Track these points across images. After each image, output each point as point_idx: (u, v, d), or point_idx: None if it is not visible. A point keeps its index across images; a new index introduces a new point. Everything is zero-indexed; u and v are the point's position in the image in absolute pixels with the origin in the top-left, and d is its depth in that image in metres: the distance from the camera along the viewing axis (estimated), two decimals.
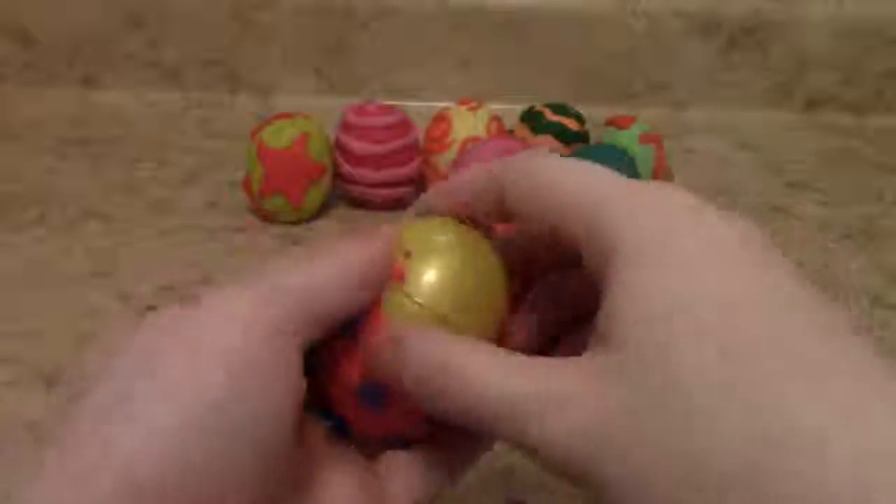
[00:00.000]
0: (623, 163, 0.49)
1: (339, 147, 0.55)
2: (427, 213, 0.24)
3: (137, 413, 0.17)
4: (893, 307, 0.48)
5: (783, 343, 0.16)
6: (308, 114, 0.55)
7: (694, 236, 0.18)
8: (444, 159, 0.55)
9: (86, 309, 0.45)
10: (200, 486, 0.17)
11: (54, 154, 0.64)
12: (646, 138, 0.54)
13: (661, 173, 0.54)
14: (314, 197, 0.54)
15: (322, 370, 0.22)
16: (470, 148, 0.52)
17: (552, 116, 0.57)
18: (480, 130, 0.56)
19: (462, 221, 0.23)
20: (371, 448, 0.23)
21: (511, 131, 0.58)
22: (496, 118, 0.57)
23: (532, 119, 0.57)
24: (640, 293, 0.17)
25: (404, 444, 0.23)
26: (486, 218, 0.23)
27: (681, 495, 0.16)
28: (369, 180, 0.54)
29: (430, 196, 0.24)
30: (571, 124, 0.57)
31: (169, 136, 0.68)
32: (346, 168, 0.54)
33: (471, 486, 0.35)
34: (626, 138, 0.54)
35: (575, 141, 0.56)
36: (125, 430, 0.17)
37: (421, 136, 0.57)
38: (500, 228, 0.24)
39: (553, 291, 0.24)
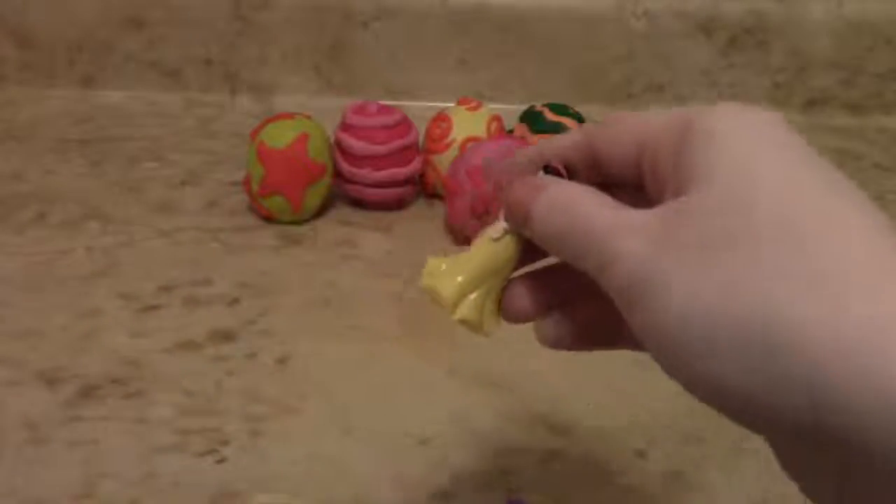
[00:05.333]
0: None
1: (339, 147, 0.55)
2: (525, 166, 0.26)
3: None
4: None
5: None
6: (308, 114, 0.55)
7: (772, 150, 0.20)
8: (444, 159, 0.55)
9: (86, 309, 0.45)
10: None
11: (54, 154, 0.64)
12: None
13: None
14: (314, 197, 0.54)
15: None
16: (470, 148, 0.52)
17: (552, 116, 0.57)
18: (480, 130, 0.56)
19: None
20: None
21: (511, 131, 0.58)
22: (496, 118, 0.57)
23: (532, 119, 0.57)
24: (714, 159, 0.20)
25: None
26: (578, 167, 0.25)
27: (717, 331, 0.18)
28: (369, 180, 0.54)
29: (532, 150, 0.26)
30: (571, 124, 0.57)
31: (169, 136, 0.68)
32: (346, 168, 0.54)
33: (471, 486, 0.35)
34: None
35: None
36: None
37: (421, 136, 0.57)
38: None
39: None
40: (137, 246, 0.52)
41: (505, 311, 0.26)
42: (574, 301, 0.25)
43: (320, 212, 0.56)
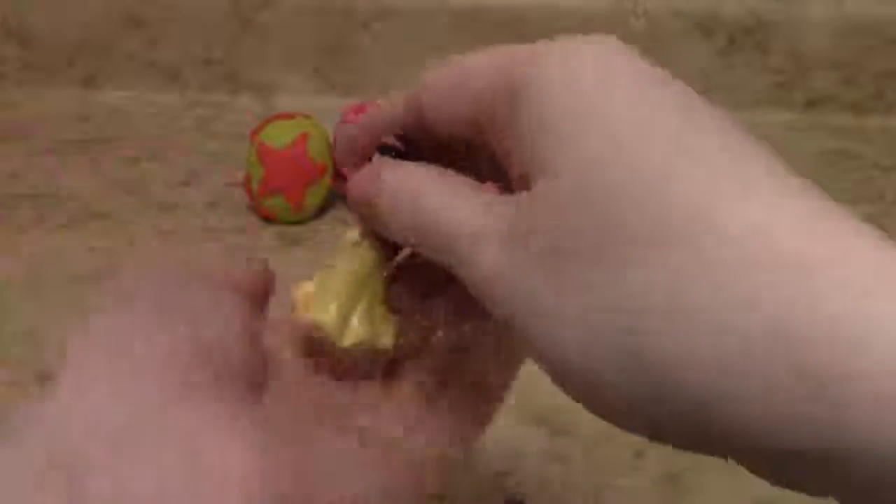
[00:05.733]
0: None
1: None
2: (353, 149, 0.24)
3: None
4: None
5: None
6: (308, 114, 0.55)
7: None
8: None
9: (86, 309, 0.45)
10: None
11: (54, 154, 0.64)
12: None
13: None
14: (314, 197, 0.54)
15: None
16: None
17: None
18: None
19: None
20: None
21: None
22: None
23: None
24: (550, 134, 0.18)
25: None
26: (412, 135, 0.23)
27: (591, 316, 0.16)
28: None
29: (352, 130, 0.24)
30: None
31: (169, 136, 0.68)
32: (347, 168, 0.54)
33: (470, 486, 0.35)
34: None
35: None
36: None
37: None
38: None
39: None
40: (137, 246, 0.52)
41: (396, 311, 0.24)
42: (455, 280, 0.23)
43: (320, 212, 0.56)
